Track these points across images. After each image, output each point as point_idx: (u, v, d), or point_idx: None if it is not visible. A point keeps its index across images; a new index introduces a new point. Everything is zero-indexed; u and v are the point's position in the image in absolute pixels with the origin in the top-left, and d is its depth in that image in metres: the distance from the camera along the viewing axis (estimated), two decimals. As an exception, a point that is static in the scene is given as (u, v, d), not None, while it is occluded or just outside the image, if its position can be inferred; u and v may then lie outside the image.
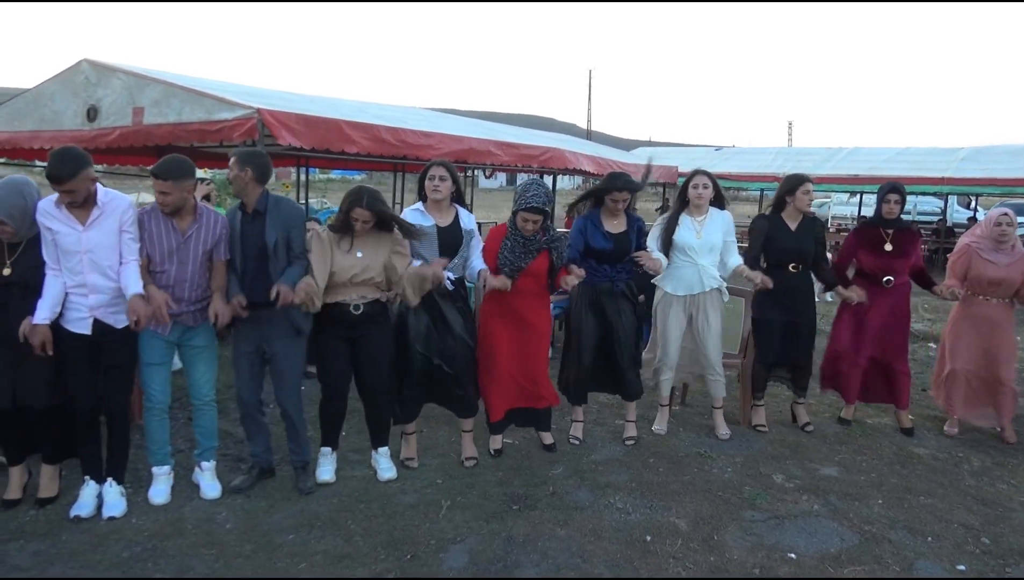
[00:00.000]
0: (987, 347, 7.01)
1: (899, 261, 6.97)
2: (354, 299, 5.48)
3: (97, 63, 9.38)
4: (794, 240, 6.88)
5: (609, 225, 6.35)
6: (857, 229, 7.46)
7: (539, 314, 6.19)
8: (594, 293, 6.36)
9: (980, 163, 20.87)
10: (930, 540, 5.14)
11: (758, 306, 7.06)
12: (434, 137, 9.99)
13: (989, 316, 7.00)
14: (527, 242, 5.88)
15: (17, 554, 4.58)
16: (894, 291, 7.01)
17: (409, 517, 5.20)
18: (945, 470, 6.36)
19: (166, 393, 5.38)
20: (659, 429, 6.97)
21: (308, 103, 9.55)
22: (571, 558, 4.75)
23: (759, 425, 7.14)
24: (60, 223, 4.84)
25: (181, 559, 4.60)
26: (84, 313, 4.95)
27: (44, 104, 9.91)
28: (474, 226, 6.05)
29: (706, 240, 6.63)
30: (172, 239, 5.16)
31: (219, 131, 7.97)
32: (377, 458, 5.92)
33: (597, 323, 6.37)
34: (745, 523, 5.29)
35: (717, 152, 28.43)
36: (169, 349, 5.33)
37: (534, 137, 14.10)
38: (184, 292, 5.21)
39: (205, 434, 5.58)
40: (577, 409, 6.70)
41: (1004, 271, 6.84)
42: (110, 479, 5.20)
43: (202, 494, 5.45)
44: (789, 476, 6.10)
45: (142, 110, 8.73)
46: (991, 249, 6.92)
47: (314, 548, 4.76)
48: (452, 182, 5.87)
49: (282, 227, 5.35)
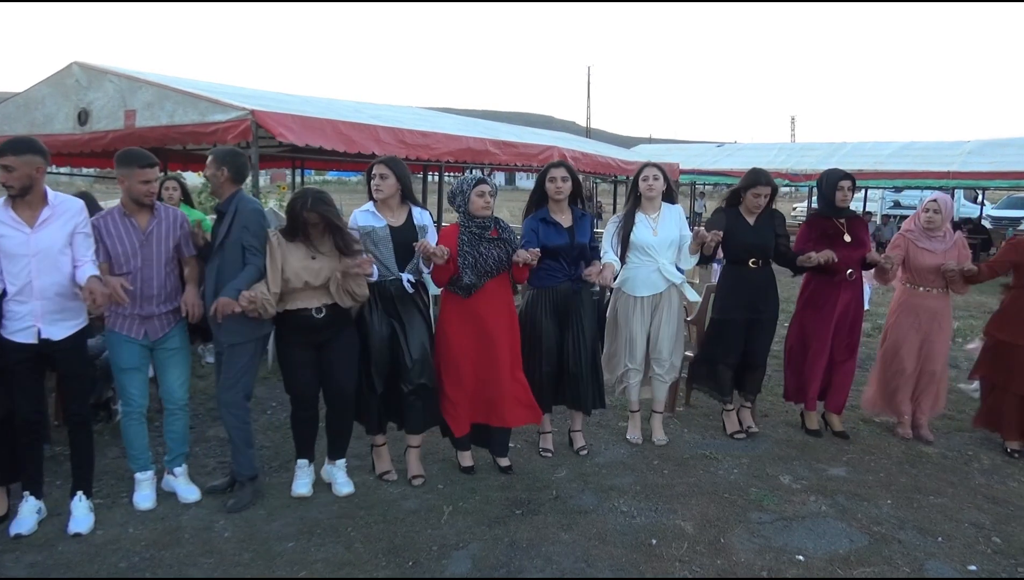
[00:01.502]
0: (926, 340, 6.91)
1: (858, 252, 6.77)
2: (314, 305, 5.37)
3: (88, 66, 9.33)
4: (753, 235, 6.67)
5: (560, 220, 6.10)
6: (809, 221, 7.10)
7: (499, 322, 5.86)
8: (554, 295, 6.10)
9: (987, 156, 20.81)
10: (940, 540, 5.08)
11: (720, 305, 6.85)
12: (432, 137, 9.93)
13: (930, 307, 6.90)
14: (482, 231, 5.71)
15: (13, 565, 4.52)
16: (852, 284, 6.82)
17: (410, 523, 5.13)
18: (955, 469, 6.29)
19: (144, 397, 5.30)
20: (634, 438, 6.75)
21: (303, 104, 9.49)
22: (576, 563, 4.68)
23: (735, 433, 6.92)
24: (5, 226, 4.69)
25: (179, 569, 4.53)
26: (28, 322, 4.77)
27: (35, 108, 9.87)
28: (428, 222, 5.83)
29: (663, 237, 6.47)
30: (134, 237, 5.12)
31: (213, 133, 7.92)
32: (334, 472, 5.73)
33: (557, 327, 6.12)
34: (752, 525, 5.23)
35: (719, 148, 28.43)
36: (143, 353, 5.25)
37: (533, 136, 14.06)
38: (152, 289, 5.15)
39: (177, 439, 5.51)
40: (544, 418, 6.37)
41: (940, 258, 6.76)
42: (79, 493, 5.06)
43: (181, 499, 5.39)
44: (796, 477, 6.04)
45: (134, 113, 8.68)
46: (925, 237, 6.85)
47: (314, 556, 4.69)
48: (396, 179, 5.67)
49: (237, 226, 5.27)
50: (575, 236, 6.08)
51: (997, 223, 26.29)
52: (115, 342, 5.20)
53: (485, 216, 5.73)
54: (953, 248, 6.80)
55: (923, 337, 6.90)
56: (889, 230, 24.05)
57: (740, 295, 6.68)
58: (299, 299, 5.33)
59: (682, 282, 6.61)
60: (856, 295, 6.89)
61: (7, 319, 4.78)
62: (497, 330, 5.80)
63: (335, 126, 8.57)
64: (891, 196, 32.76)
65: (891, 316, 7.14)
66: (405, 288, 5.62)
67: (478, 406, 5.90)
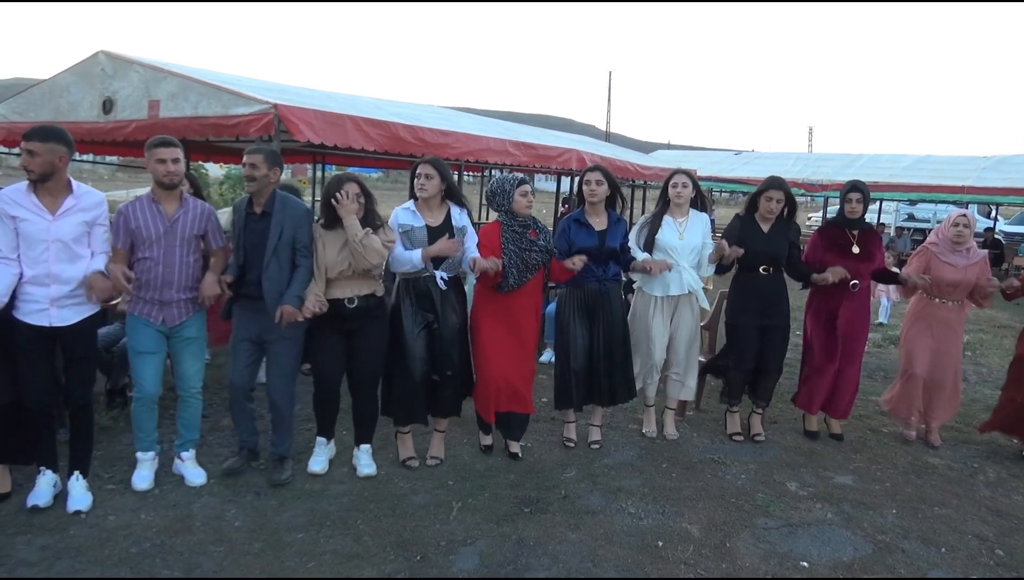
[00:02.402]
0: (938, 349, 6.95)
1: (866, 264, 6.83)
2: (348, 294, 5.50)
3: (114, 55, 9.37)
4: (766, 242, 6.73)
5: (594, 222, 6.28)
6: (821, 230, 7.16)
7: (528, 317, 6.13)
8: (583, 295, 6.30)
9: (1002, 172, 20.71)
10: (944, 551, 5.09)
11: (731, 311, 6.94)
12: (451, 136, 9.95)
13: (944, 318, 6.96)
14: (524, 230, 5.92)
15: (24, 548, 4.57)
16: (857, 295, 6.86)
17: (419, 518, 5.17)
18: (960, 480, 6.31)
19: (157, 384, 5.36)
20: (649, 432, 6.93)
21: (325, 99, 9.52)
22: (582, 562, 4.71)
23: (734, 434, 7.02)
24: (28, 211, 4.79)
25: (189, 556, 4.58)
26: (43, 304, 4.86)
27: (60, 95, 9.91)
28: (467, 222, 5.97)
29: (688, 241, 6.58)
30: (159, 223, 5.21)
31: (235, 126, 7.95)
32: (358, 455, 5.92)
33: (587, 327, 6.32)
34: (758, 530, 5.25)
35: (737, 156, 28.37)
36: (160, 339, 5.33)
37: (552, 138, 14.06)
38: (173, 276, 5.24)
39: (188, 426, 5.61)
40: (568, 412, 6.61)
41: (962, 273, 6.80)
42: (76, 472, 5.14)
43: (188, 482, 5.49)
44: (803, 484, 6.06)
45: (158, 103, 8.72)
46: (949, 251, 6.87)
47: (323, 547, 4.74)
48: (441, 179, 5.80)
49: (289, 227, 5.40)
50: (606, 239, 6.23)
51: (1009, 238, 26.21)
52: (133, 325, 5.30)
53: (527, 215, 5.94)
54: (974, 265, 6.83)
55: (936, 346, 6.94)
56: (903, 242, 24.00)
57: (750, 302, 6.75)
58: (335, 288, 5.50)
59: (699, 290, 6.71)
60: (860, 305, 6.93)
61: (22, 301, 4.86)
62: (526, 324, 6.08)
63: (356, 122, 8.59)
64: (905, 209, 32.66)
65: (905, 324, 7.20)
66: (439, 285, 5.76)
67: (503, 395, 6.05)
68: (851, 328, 6.87)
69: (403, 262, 5.68)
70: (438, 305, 5.77)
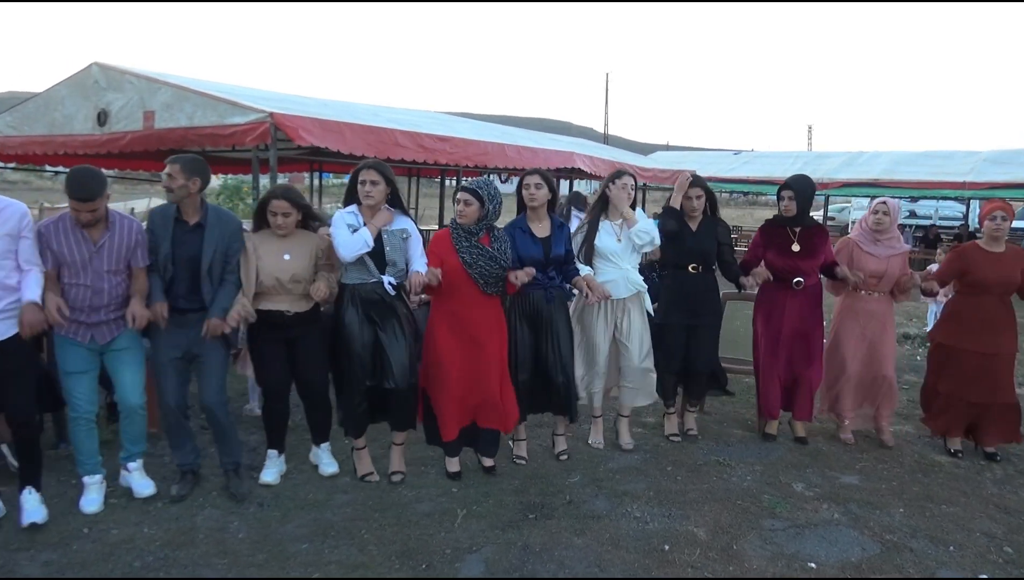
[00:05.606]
0: (870, 342, 6.89)
1: (807, 261, 6.73)
2: (285, 308, 5.51)
3: (107, 66, 9.38)
4: (694, 240, 6.68)
5: (536, 229, 6.08)
6: (763, 228, 7.11)
7: (489, 328, 5.86)
8: (526, 302, 6.07)
9: (1003, 166, 20.62)
10: (952, 549, 5.07)
11: (660, 310, 6.81)
12: (450, 141, 9.96)
13: (872, 310, 6.88)
14: (470, 239, 5.70)
15: (28, 564, 4.54)
16: (805, 293, 6.77)
17: (424, 526, 5.14)
18: (967, 478, 6.28)
19: (92, 402, 5.24)
20: (596, 442, 6.73)
21: (321, 107, 9.53)
22: (588, 567, 4.69)
23: (671, 435, 6.92)
24: None
25: (193, 569, 4.55)
26: None
27: (54, 108, 9.92)
28: (408, 225, 5.79)
29: (627, 243, 6.42)
30: (84, 249, 5.02)
31: (231, 135, 7.95)
32: (319, 453, 5.97)
33: (532, 336, 6.10)
34: (765, 532, 5.23)
35: (736, 156, 28.37)
36: (91, 357, 5.19)
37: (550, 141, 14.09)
38: (102, 300, 5.10)
39: (134, 440, 5.44)
40: (519, 428, 6.35)
41: (884, 264, 6.76)
42: (28, 487, 5.04)
43: (136, 494, 5.40)
44: (809, 484, 6.03)
45: (153, 114, 8.72)
46: (871, 241, 6.84)
47: (328, 558, 4.71)
48: (386, 184, 5.63)
49: (222, 241, 5.31)
50: (551, 246, 6.07)
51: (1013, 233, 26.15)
52: (61, 345, 5.15)
53: (465, 223, 5.72)
54: (898, 256, 6.80)
55: (868, 341, 6.89)
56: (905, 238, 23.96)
57: (680, 300, 6.69)
58: (271, 300, 5.48)
59: (643, 290, 6.57)
60: (809, 303, 6.83)
61: None
62: (486, 336, 5.82)
63: (353, 129, 8.59)
64: (907, 206, 32.64)
65: (834, 320, 7.14)
66: (386, 290, 5.62)
67: (466, 410, 5.89)
68: (800, 326, 6.80)
69: (355, 245, 5.43)
70: (384, 312, 5.64)
